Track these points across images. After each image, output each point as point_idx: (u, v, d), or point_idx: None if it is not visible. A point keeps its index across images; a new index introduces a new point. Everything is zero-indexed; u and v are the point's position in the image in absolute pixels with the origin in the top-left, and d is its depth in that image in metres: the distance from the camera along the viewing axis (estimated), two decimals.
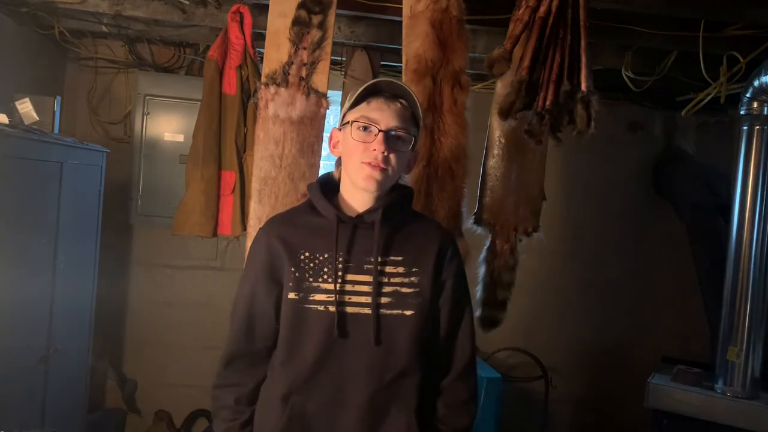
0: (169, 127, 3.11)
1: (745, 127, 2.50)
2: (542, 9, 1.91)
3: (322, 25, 2.20)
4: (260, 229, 1.46)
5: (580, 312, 3.58)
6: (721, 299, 2.57)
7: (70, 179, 2.44)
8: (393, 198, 1.39)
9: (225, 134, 2.50)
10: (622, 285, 3.56)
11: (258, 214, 2.22)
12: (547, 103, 1.90)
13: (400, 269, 1.36)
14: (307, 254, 1.36)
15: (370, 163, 1.32)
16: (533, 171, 2.31)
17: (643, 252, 3.58)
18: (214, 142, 2.48)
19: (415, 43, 2.12)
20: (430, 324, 1.39)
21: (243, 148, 2.51)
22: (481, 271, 2.33)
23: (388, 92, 1.36)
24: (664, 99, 3.34)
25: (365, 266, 1.35)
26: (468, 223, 2.26)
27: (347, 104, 1.38)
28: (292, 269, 1.35)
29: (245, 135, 2.50)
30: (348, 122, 1.36)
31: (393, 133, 1.33)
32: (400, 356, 1.34)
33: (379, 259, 1.35)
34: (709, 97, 2.69)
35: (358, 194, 1.38)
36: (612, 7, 2.30)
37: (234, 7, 2.41)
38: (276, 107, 2.20)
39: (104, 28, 2.90)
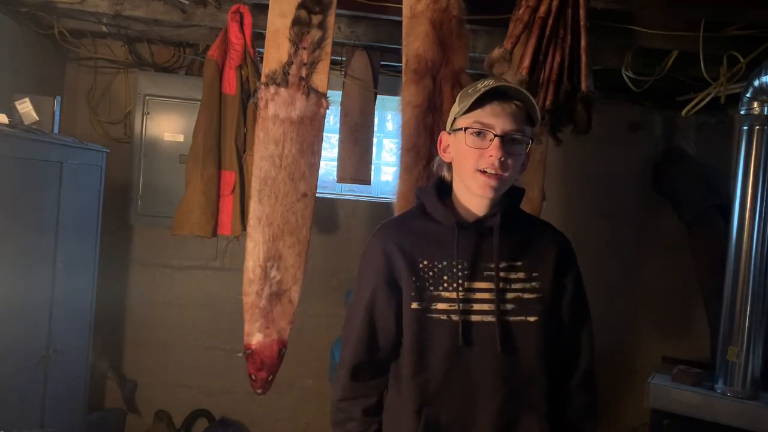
0: (169, 127, 3.11)
1: (745, 127, 2.50)
2: (542, 9, 1.91)
3: (322, 25, 2.20)
4: (372, 236, 1.42)
5: None
6: (721, 299, 2.57)
7: (70, 179, 2.44)
8: (510, 201, 1.36)
9: (225, 134, 2.50)
10: (622, 285, 3.56)
11: (258, 214, 2.22)
12: (547, 103, 1.90)
13: (521, 275, 1.34)
14: (425, 262, 1.33)
15: (485, 171, 1.28)
16: (533, 171, 2.31)
17: (643, 252, 3.58)
18: (214, 142, 2.48)
19: (415, 43, 2.12)
20: (553, 328, 1.37)
21: (243, 148, 2.51)
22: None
23: (502, 95, 1.30)
24: (664, 99, 3.34)
25: (485, 273, 1.32)
26: None
27: (458, 108, 1.33)
28: (413, 278, 1.32)
29: (245, 135, 2.50)
30: (461, 128, 1.31)
31: (510, 137, 1.28)
32: (527, 363, 1.32)
33: (501, 265, 1.33)
34: (709, 97, 2.69)
35: (473, 199, 1.34)
36: (612, 7, 2.30)
37: (234, 7, 2.41)
38: (276, 107, 2.20)
39: (104, 28, 2.90)
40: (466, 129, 1.30)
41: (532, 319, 1.33)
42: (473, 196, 1.34)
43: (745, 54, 2.50)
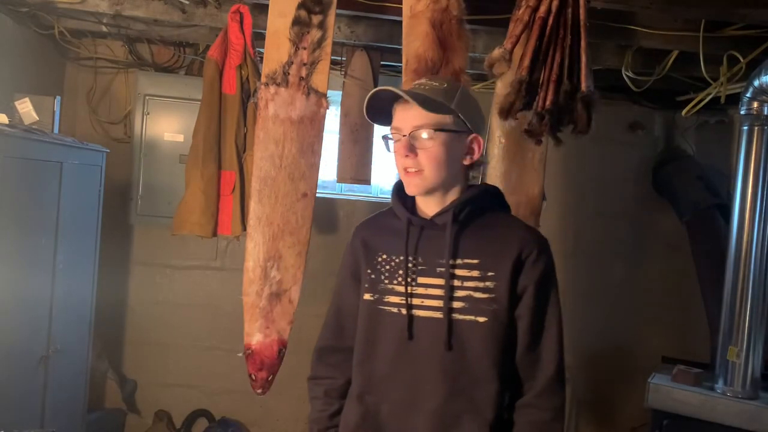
0: (169, 127, 3.11)
1: (745, 127, 2.50)
2: (542, 9, 1.90)
3: (322, 25, 2.20)
4: (352, 232, 1.50)
5: (580, 312, 3.57)
6: (721, 299, 2.57)
7: (70, 179, 2.44)
8: (466, 197, 1.34)
9: (225, 134, 2.50)
10: (622, 285, 3.56)
11: (258, 214, 2.22)
12: (547, 103, 1.90)
13: (475, 273, 1.31)
14: (384, 256, 1.38)
15: (405, 171, 1.32)
16: (533, 171, 2.31)
17: (643, 252, 3.58)
18: (214, 142, 2.48)
19: (415, 43, 2.12)
20: (509, 333, 1.32)
21: (243, 148, 2.51)
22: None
23: (404, 95, 1.31)
24: (664, 99, 3.34)
25: (438, 269, 1.32)
26: None
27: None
28: (368, 271, 1.39)
29: (245, 135, 2.50)
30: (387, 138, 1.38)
31: (416, 134, 1.31)
32: (473, 364, 1.29)
33: (451, 262, 1.31)
34: (709, 97, 2.69)
35: (423, 197, 1.37)
36: (612, 7, 2.30)
37: (234, 7, 2.41)
38: (276, 107, 2.20)
39: (104, 28, 2.90)
40: (386, 139, 1.37)
41: (481, 319, 1.29)
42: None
43: (745, 54, 2.50)
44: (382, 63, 3.02)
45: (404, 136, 1.31)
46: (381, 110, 1.36)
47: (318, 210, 2.35)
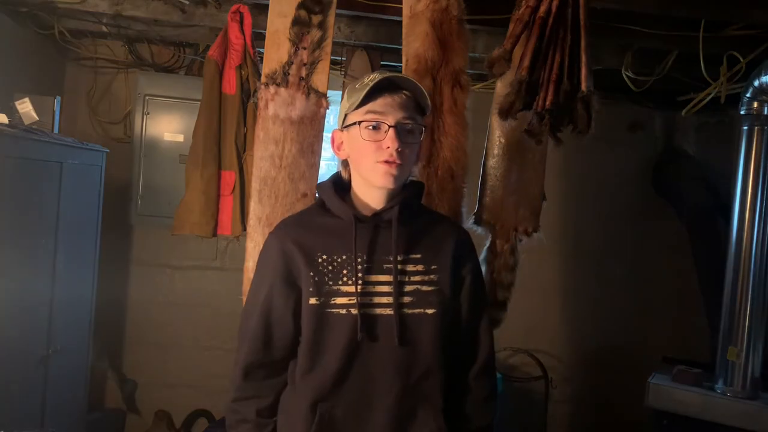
0: (169, 127, 3.11)
1: (745, 127, 2.50)
2: (542, 9, 1.90)
3: (322, 25, 2.20)
4: (270, 233, 1.41)
5: (580, 312, 3.58)
6: (721, 299, 2.57)
7: (70, 179, 2.44)
8: (408, 194, 1.37)
9: (225, 134, 2.50)
10: (622, 285, 3.56)
11: (258, 214, 2.22)
12: (547, 103, 1.90)
13: (420, 267, 1.35)
14: (324, 257, 1.33)
15: (386, 161, 1.29)
16: (533, 171, 2.31)
17: (643, 252, 3.58)
18: (214, 142, 2.48)
19: (415, 43, 2.12)
20: (451, 321, 1.38)
21: (243, 148, 2.51)
22: (482, 271, 2.34)
23: (391, 86, 1.31)
24: (664, 99, 3.34)
25: (384, 266, 1.33)
26: (468, 223, 2.26)
27: (348, 103, 1.34)
28: (311, 273, 1.32)
29: (245, 135, 2.50)
30: (355, 123, 1.31)
31: (402, 126, 1.30)
32: (424, 356, 1.33)
33: (399, 258, 1.32)
34: (709, 97, 2.69)
35: (371, 192, 1.35)
36: (612, 7, 2.30)
37: (234, 7, 2.40)
38: (276, 107, 2.20)
39: (104, 28, 2.90)
40: (360, 123, 1.30)
41: (430, 311, 1.33)
42: (371, 189, 1.34)
43: (745, 54, 2.50)
44: (382, 63, 3.02)
45: (391, 126, 1.28)
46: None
47: None
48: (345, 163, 1.40)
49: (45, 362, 2.34)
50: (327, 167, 3.43)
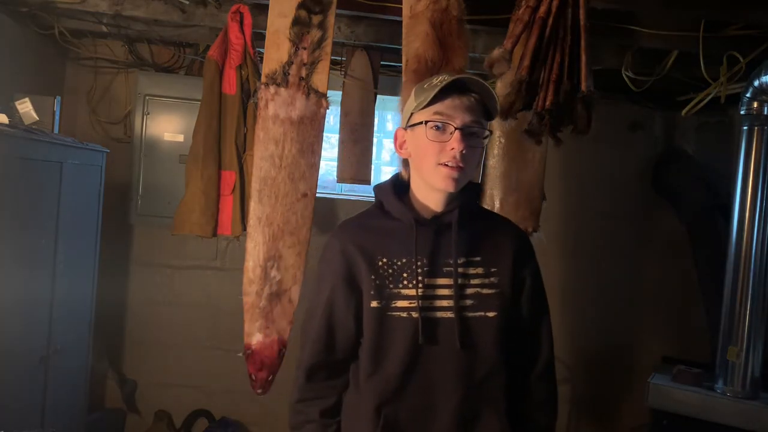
0: (169, 127, 3.11)
1: (745, 127, 2.50)
2: (542, 9, 1.91)
3: (322, 25, 2.21)
4: (331, 235, 1.41)
5: (580, 312, 3.57)
6: (721, 299, 2.57)
7: (70, 179, 2.44)
8: (467, 197, 1.36)
9: (225, 134, 2.50)
10: (623, 285, 3.56)
11: (258, 214, 2.22)
12: (547, 103, 1.90)
13: (480, 270, 1.34)
14: (384, 260, 1.33)
15: (446, 164, 1.27)
16: (533, 171, 2.31)
17: (643, 252, 3.58)
18: (214, 142, 2.48)
19: (415, 43, 2.12)
20: (512, 323, 1.37)
21: (243, 148, 2.51)
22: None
23: (460, 88, 1.29)
24: (664, 99, 3.34)
25: (444, 269, 1.32)
26: None
27: (415, 103, 1.32)
28: (372, 276, 1.31)
29: (245, 135, 2.50)
30: (420, 122, 1.30)
31: (469, 128, 1.28)
32: (486, 358, 1.32)
33: (459, 261, 1.32)
34: (709, 97, 2.69)
35: (431, 195, 1.34)
36: (612, 7, 2.30)
37: (234, 7, 2.41)
38: (276, 107, 2.20)
39: (104, 28, 2.90)
40: (426, 122, 1.29)
41: (491, 314, 1.32)
42: (431, 191, 1.33)
43: (745, 54, 2.50)
44: (382, 63, 3.02)
45: (457, 128, 1.27)
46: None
47: (318, 210, 2.35)
48: (405, 163, 1.39)
49: (45, 362, 2.34)
50: (326, 167, 3.43)
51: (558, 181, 3.34)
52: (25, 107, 2.38)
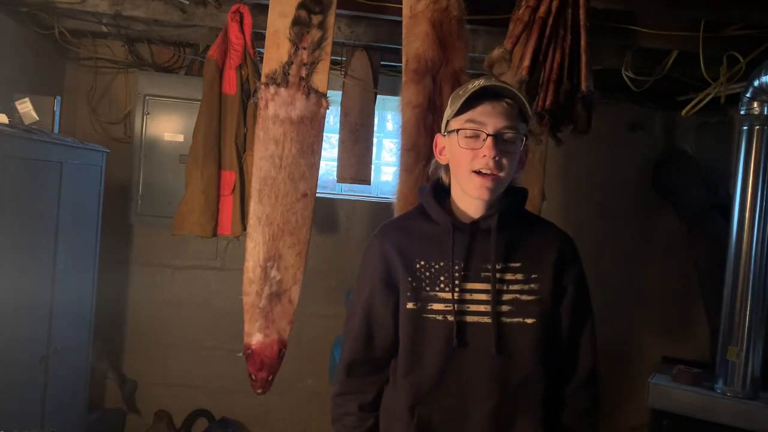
0: (169, 127, 3.11)
1: (745, 127, 2.50)
2: (542, 9, 1.91)
3: (322, 25, 2.20)
4: (373, 235, 1.42)
5: None
6: (721, 299, 2.57)
7: (70, 179, 2.44)
8: (508, 202, 1.35)
9: (225, 134, 2.50)
10: (622, 285, 3.56)
11: (258, 214, 2.22)
12: (547, 103, 1.90)
13: (519, 276, 1.33)
14: (422, 263, 1.34)
15: (480, 172, 1.27)
16: (533, 171, 2.31)
17: (643, 252, 3.58)
18: (214, 142, 2.48)
19: (415, 43, 2.12)
20: (552, 331, 1.36)
21: (243, 148, 2.51)
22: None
23: (492, 94, 1.30)
24: (664, 99, 3.34)
25: (482, 274, 1.32)
26: None
27: (449, 110, 1.33)
28: (409, 278, 1.33)
29: (245, 135, 2.50)
30: (454, 130, 1.31)
31: (502, 135, 1.27)
32: (523, 365, 1.31)
33: (497, 267, 1.32)
34: (709, 97, 2.69)
35: (470, 200, 1.34)
36: (612, 7, 2.30)
37: (234, 7, 2.41)
38: (276, 107, 2.20)
39: (104, 28, 2.90)
40: (458, 131, 1.30)
41: (529, 321, 1.31)
42: (469, 197, 1.33)
43: (745, 54, 2.50)
44: (382, 63, 3.02)
45: (489, 135, 1.26)
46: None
47: (318, 210, 2.35)
48: (447, 168, 1.39)
49: (45, 362, 2.34)
50: (326, 167, 3.43)
51: (558, 181, 3.34)
52: (25, 107, 2.38)
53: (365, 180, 2.95)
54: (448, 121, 1.34)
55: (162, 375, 3.34)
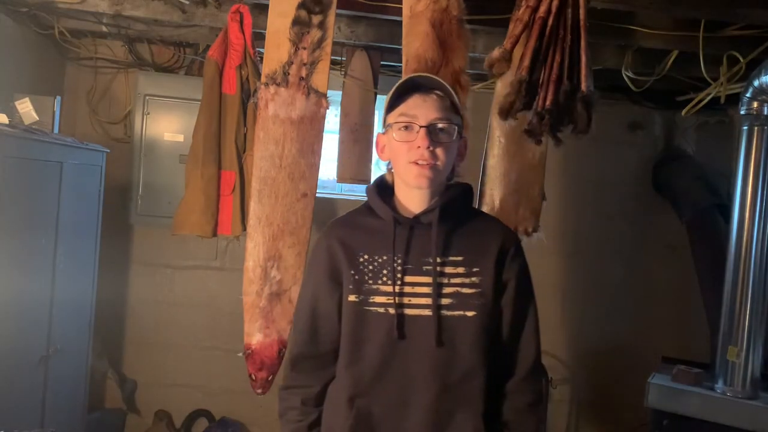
0: (169, 127, 3.11)
1: (745, 127, 2.50)
2: (542, 9, 1.90)
3: (322, 25, 2.20)
4: (322, 231, 1.46)
5: (580, 312, 3.57)
6: (721, 299, 2.57)
7: (70, 179, 2.44)
8: (450, 196, 1.37)
9: (225, 134, 2.50)
10: (622, 285, 3.56)
11: (258, 214, 2.22)
12: (547, 103, 1.90)
13: (461, 269, 1.35)
14: (366, 256, 1.36)
15: (416, 162, 1.30)
16: (533, 171, 2.31)
17: (643, 252, 3.58)
18: (214, 142, 2.48)
19: (415, 43, 2.12)
20: (494, 324, 1.37)
21: (243, 148, 2.51)
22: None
23: (421, 87, 1.35)
24: (664, 99, 3.34)
25: (424, 267, 1.34)
26: None
27: (385, 107, 1.38)
28: (352, 272, 1.35)
29: (245, 135, 2.50)
30: (389, 125, 1.35)
31: (435, 125, 1.31)
32: (463, 358, 1.32)
33: (438, 260, 1.33)
34: (709, 97, 2.69)
35: (413, 194, 1.37)
36: (612, 7, 2.30)
37: (234, 7, 2.41)
38: (276, 107, 2.20)
39: (104, 28, 2.90)
40: (393, 124, 1.34)
41: (470, 314, 1.32)
42: (412, 191, 1.36)
43: (745, 54, 2.50)
44: (382, 63, 3.02)
45: (422, 127, 1.30)
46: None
47: (318, 210, 2.35)
48: (390, 166, 1.43)
49: (45, 362, 2.34)
50: (327, 167, 3.43)
51: (558, 181, 3.34)
52: (25, 107, 2.38)
53: (365, 180, 2.95)
54: (385, 119, 1.39)
55: (162, 375, 3.34)
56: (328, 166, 3.42)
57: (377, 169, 3.54)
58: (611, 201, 3.55)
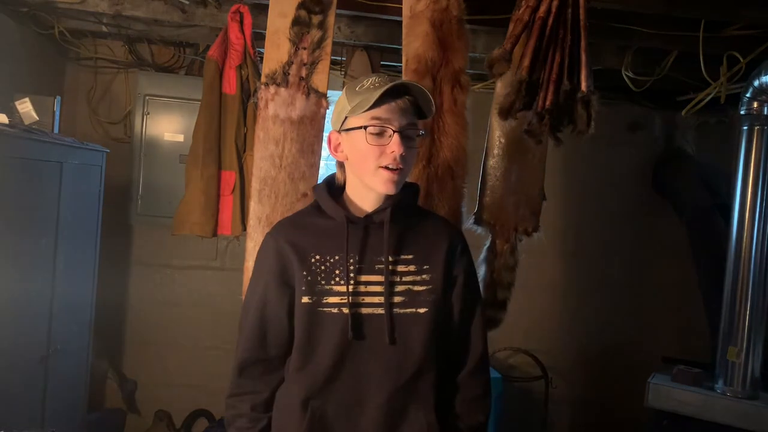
0: (169, 127, 3.11)
1: (745, 127, 2.50)
2: (542, 9, 1.90)
3: (322, 25, 2.20)
4: (267, 233, 1.43)
5: (580, 312, 3.58)
6: (721, 299, 2.57)
7: (70, 179, 2.44)
8: (401, 196, 1.38)
9: (225, 134, 2.50)
10: (622, 285, 3.56)
11: (258, 214, 2.22)
12: (547, 103, 1.90)
13: (412, 267, 1.36)
14: (317, 257, 1.35)
15: (387, 167, 1.30)
16: (533, 171, 2.31)
17: (643, 252, 3.58)
18: (214, 142, 2.48)
19: (415, 43, 2.12)
20: (444, 320, 1.39)
21: (243, 148, 2.51)
22: (482, 271, 2.34)
23: (394, 91, 1.31)
24: (664, 99, 3.34)
25: (376, 266, 1.35)
26: (468, 223, 2.26)
27: (349, 106, 1.32)
28: (304, 273, 1.34)
29: (245, 135, 2.50)
30: (358, 127, 1.31)
31: (405, 131, 1.31)
32: (416, 355, 1.34)
33: (390, 259, 1.34)
34: (709, 97, 2.69)
35: (366, 195, 1.37)
36: (612, 7, 2.30)
37: (234, 7, 2.40)
38: (276, 107, 2.20)
39: (104, 28, 2.90)
40: (366, 127, 1.30)
41: (422, 310, 1.34)
42: (368, 192, 1.36)
43: (745, 54, 2.50)
44: (382, 63, 3.02)
45: (396, 131, 1.29)
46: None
47: None
48: (341, 165, 1.41)
49: (45, 362, 2.34)
50: (326, 167, 3.43)
51: (558, 181, 3.34)
52: (25, 107, 2.38)
53: None
54: (346, 118, 1.34)
55: (162, 375, 3.34)
56: (328, 167, 3.42)
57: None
58: (611, 201, 3.55)
